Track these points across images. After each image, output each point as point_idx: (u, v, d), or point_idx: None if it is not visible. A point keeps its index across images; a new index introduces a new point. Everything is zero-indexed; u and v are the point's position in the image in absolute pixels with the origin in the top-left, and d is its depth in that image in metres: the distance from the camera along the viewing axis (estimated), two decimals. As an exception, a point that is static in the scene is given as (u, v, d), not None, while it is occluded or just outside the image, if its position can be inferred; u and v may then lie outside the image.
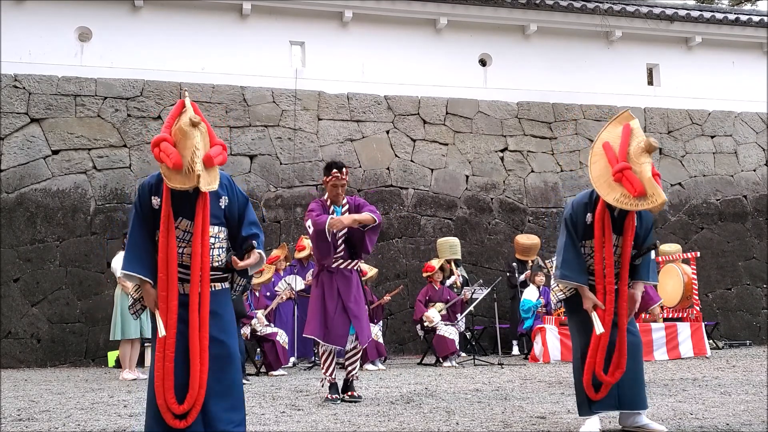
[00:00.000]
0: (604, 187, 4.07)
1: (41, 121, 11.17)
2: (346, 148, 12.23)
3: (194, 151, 3.41)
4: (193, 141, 3.44)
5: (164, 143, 3.48)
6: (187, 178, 3.42)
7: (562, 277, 4.30)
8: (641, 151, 3.99)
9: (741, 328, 12.93)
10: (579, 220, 4.32)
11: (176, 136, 3.52)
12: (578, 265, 4.27)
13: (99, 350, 10.39)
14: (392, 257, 11.73)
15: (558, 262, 4.39)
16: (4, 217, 10.56)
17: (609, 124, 4.38)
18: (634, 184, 3.91)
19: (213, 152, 3.52)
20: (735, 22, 13.95)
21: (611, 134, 4.26)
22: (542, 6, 13.01)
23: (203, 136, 3.51)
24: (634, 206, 3.95)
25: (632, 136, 4.12)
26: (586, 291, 4.24)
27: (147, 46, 11.76)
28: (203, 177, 3.41)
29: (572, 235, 4.32)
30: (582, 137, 13.36)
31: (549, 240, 12.53)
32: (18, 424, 4.95)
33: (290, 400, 6.07)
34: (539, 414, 5.06)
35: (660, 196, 3.86)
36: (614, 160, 4.07)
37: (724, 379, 7.17)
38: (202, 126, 3.51)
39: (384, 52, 12.74)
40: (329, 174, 6.04)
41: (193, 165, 3.40)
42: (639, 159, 3.97)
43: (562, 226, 4.40)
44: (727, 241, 13.33)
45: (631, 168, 3.96)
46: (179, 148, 3.47)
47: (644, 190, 3.88)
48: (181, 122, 3.52)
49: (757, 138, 14.21)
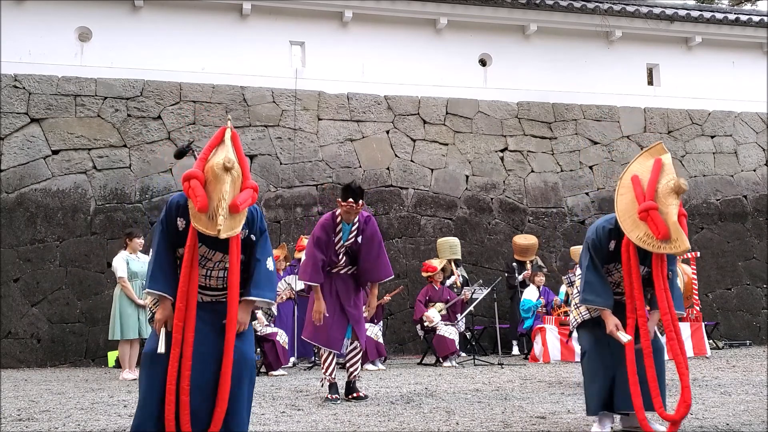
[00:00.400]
0: (628, 223, 4.02)
1: (41, 121, 11.17)
2: (346, 148, 12.23)
3: (221, 199, 3.36)
4: (222, 186, 3.38)
5: (194, 181, 3.41)
6: (210, 224, 3.38)
7: (584, 302, 4.27)
8: (670, 191, 3.92)
9: (741, 328, 12.93)
10: (603, 246, 4.27)
11: (208, 174, 3.45)
12: (601, 288, 4.23)
13: (99, 350, 10.38)
14: (392, 257, 11.70)
15: (581, 285, 4.34)
16: (4, 217, 10.56)
17: (641, 155, 4.27)
18: (659, 226, 3.86)
19: (241, 198, 3.44)
20: (735, 22, 13.95)
21: (642, 167, 4.15)
22: (542, 6, 13.01)
23: (234, 181, 3.44)
24: (656, 248, 3.91)
25: (663, 172, 4.03)
26: (608, 314, 4.20)
27: (147, 46, 11.76)
28: (224, 227, 3.35)
29: (594, 259, 4.27)
30: (582, 137, 13.36)
31: (549, 240, 12.54)
32: (18, 424, 4.95)
33: (290, 400, 6.07)
34: (539, 414, 5.06)
35: (684, 243, 3.83)
36: (641, 196, 3.99)
37: (724, 379, 7.17)
38: (235, 170, 3.44)
39: (384, 52, 12.74)
40: (345, 200, 5.93)
41: (217, 213, 3.35)
42: (667, 200, 3.91)
43: (584, 249, 4.35)
44: (727, 241, 13.33)
45: (658, 208, 3.90)
46: (208, 190, 3.41)
47: (668, 234, 3.84)
48: (215, 162, 3.44)
49: (757, 138, 14.21)
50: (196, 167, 3.50)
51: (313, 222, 11.46)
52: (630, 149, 13.47)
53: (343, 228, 6.03)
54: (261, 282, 3.68)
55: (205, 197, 3.38)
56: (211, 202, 3.38)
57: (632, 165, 4.23)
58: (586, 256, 4.30)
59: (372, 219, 6.17)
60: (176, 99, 11.75)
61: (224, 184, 3.38)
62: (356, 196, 5.92)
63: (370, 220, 6.13)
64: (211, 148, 3.58)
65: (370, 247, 6.06)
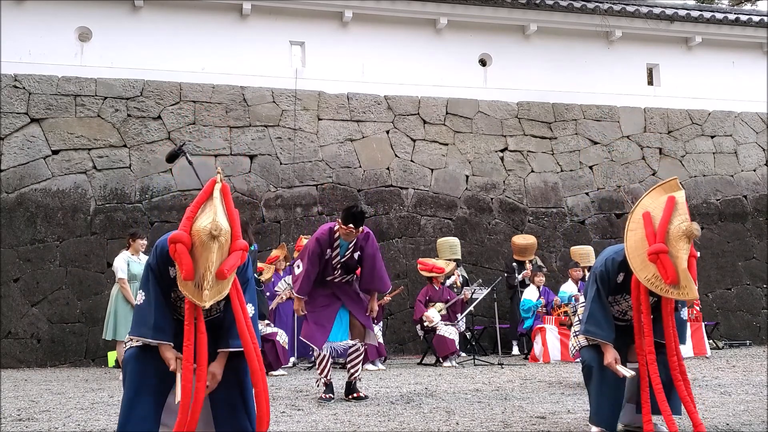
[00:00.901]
0: (637, 262, 3.94)
1: (41, 121, 11.17)
2: (346, 148, 12.23)
3: (207, 269, 3.19)
4: (209, 255, 3.20)
5: (180, 246, 3.24)
6: (196, 292, 3.23)
7: (586, 333, 4.20)
8: (682, 234, 3.81)
9: (741, 328, 12.93)
10: (611, 278, 4.22)
11: (194, 238, 3.27)
12: (604, 321, 4.17)
13: (99, 350, 10.38)
14: (392, 257, 11.72)
15: (584, 315, 4.29)
16: (4, 217, 10.56)
17: (653, 189, 4.15)
18: (668, 270, 3.78)
19: (228, 264, 3.25)
20: (735, 22, 13.95)
21: (655, 203, 4.04)
22: (542, 6, 13.01)
23: (222, 247, 3.24)
24: (664, 292, 3.84)
25: (675, 212, 3.91)
26: (609, 347, 4.13)
27: (147, 46, 11.76)
28: (210, 294, 3.20)
29: (600, 290, 4.22)
30: (582, 137, 13.36)
31: (549, 240, 12.54)
32: (18, 424, 4.95)
33: (290, 400, 6.06)
34: (539, 414, 5.06)
35: (692, 292, 3.76)
36: (652, 236, 3.90)
37: (724, 379, 7.17)
38: (222, 236, 3.24)
39: (384, 52, 12.74)
40: (346, 224, 5.85)
41: (203, 284, 3.20)
42: (678, 243, 3.81)
43: (591, 279, 4.29)
44: (727, 241, 13.33)
45: (668, 251, 3.82)
46: (195, 255, 3.24)
47: (677, 280, 3.77)
48: (201, 227, 3.25)
49: (757, 138, 14.22)
50: (182, 228, 3.31)
51: (314, 222, 11.48)
52: (630, 149, 13.47)
53: (341, 245, 6.01)
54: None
55: (191, 265, 3.22)
56: (197, 271, 3.22)
57: (644, 199, 4.13)
58: (593, 287, 4.24)
59: (371, 236, 6.11)
60: (176, 99, 11.76)
61: (211, 253, 3.20)
62: (357, 222, 5.84)
63: (370, 237, 6.07)
64: (198, 205, 3.38)
65: (372, 264, 6.05)
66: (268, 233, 11.35)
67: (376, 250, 6.10)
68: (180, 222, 3.40)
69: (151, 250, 3.60)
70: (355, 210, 5.90)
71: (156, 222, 11.08)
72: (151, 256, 3.54)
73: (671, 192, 4.02)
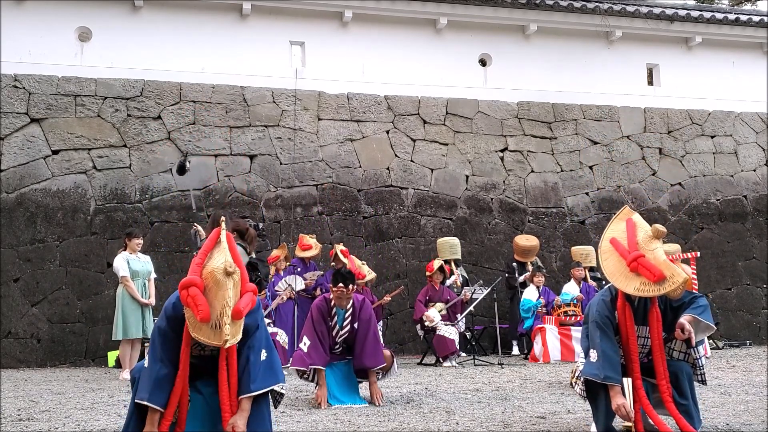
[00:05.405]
0: (621, 280, 4.08)
1: (41, 121, 11.17)
2: (346, 148, 12.23)
3: (225, 306, 3.22)
4: (225, 292, 3.24)
5: (194, 289, 3.25)
6: (213, 333, 3.23)
7: (604, 378, 4.05)
8: (649, 238, 4.09)
9: (741, 328, 12.93)
10: (611, 317, 4.20)
11: (207, 280, 3.30)
12: (617, 362, 4.11)
13: (99, 350, 10.38)
14: (392, 257, 11.72)
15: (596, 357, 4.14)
16: (4, 217, 10.56)
17: (612, 222, 4.43)
18: (651, 269, 3.95)
19: (243, 304, 3.31)
20: (735, 22, 13.95)
21: (616, 230, 4.32)
22: (542, 6, 13.01)
23: (236, 286, 3.30)
24: (656, 291, 3.96)
25: (637, 227, 4.22)
26: (617, 391, 4.05)
27: (147, 46, 11.77)
28: (230, 336, 3.22)
29: (606, 332, 4.16)
30: (582, 137, 13.36)
31: (549, 240, 12.54)
32: (18, 424, 4.95)
33: (290, 400, 6.06)
34: (539, 414, 5.06)
35: (680, 275, 3.90)
36: (625, 252, 4.11)
37: (724, 379, 7.17)
38: (236, 274, 3.31)
39: (384, 52, 12.74)
40: (336, 285, 5.87)
41: (222, 321, 3.21)
42: (649, 246, 4.07)
43: (592, 328, 4.21)
44: (727, 241, 13.33)
45: (645, 255, 4.02)
46: (209, 297, 3.27)
47: (663, 274, 3.92)
48: (215, 267, 3.29)
49: (757, 138, 14.22)
50: (193, 273, 3.33)
51: (314, 222, 11.49)
52: (630, 149, 13.47)
53: (338, 313, 5.96)
54: (259, 374, 3.55)
55: (207, 306, 3.23)
56: (214, 311, 3.24)
57: (606, 232, 4.37)
58: (596, 332, 4.17)
59: (367, 302, 6.11)
60: (176, 99, 11.76)
61: (227, 290, 3.25)
62: (345, 281, 5.85)
63: (365, 303, 6.07)
64: (206, 252, 3.43)
65: (366, 330, 5.96)
66: (268, 233, 11.34)
67: (373, 317, 6.07)
68: (189, 268, 3.45)
69: (159, 314, 3.61)
70: (342, 270, 6.10)
71: (156, 222, 11.08)
72: (160, 318, 3.55)
73: (627, 217, 4.35)
